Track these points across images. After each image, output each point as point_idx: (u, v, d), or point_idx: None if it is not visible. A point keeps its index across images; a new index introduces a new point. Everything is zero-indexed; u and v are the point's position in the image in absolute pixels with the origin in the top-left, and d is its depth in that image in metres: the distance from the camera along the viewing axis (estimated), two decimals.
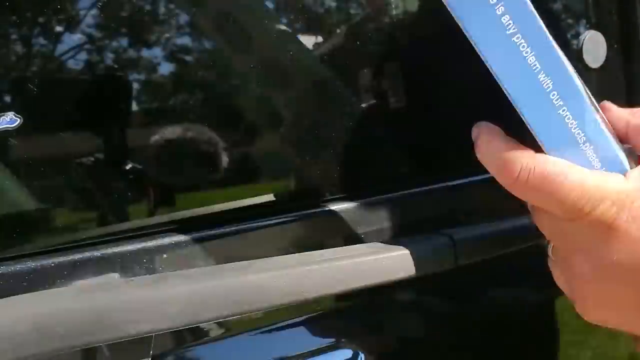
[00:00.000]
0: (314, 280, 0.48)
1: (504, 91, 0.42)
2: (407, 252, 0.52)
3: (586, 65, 0.76)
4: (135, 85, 0.51)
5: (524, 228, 0.62)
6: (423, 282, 0.54)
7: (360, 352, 0.57)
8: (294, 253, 0.53)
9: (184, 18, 0.53)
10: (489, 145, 0.43)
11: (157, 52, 0.52)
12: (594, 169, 0.41)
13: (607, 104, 0.47)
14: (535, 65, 0.40)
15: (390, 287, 0.53)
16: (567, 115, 0.41)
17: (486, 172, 0.47)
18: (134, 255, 0.49)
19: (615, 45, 0.80)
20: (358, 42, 0.63)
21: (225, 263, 0.50)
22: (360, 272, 0.50)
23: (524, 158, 0.41)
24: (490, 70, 0.41)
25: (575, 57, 0.75)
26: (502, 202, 0.50)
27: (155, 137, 0.51)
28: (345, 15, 0.64)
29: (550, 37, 0.40)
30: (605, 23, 0.79)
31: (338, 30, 0.63)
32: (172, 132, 0.52)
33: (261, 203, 0.57)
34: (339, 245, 0.58)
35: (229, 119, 0.55)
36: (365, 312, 0.61)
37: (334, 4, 0.63)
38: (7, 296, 0.42)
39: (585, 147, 0.41)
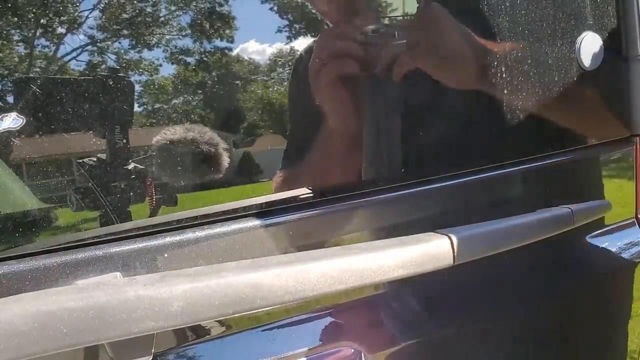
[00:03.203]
0: (314, 279, 0.48)
1: None
2: (406, 250, 0.53)
3: (582, 67, 0.76)
4: (137, 87, 0.52)
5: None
6: None
7: (361, 350, 0.57)
8: (295, 251, 0.53)
9: None
10: None
11: (158, 53, 0.53)
12: None
13: None
14: None
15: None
16: None
17: None
18: (135, 255, 0.49)
19: (612, 47, 0.80)
20: None
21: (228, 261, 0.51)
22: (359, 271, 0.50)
23: None
24: None
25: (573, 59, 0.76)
26: None
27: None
28: None
29: None
30: (602, 25, 0.79)
31: None
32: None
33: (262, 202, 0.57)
34: (337, 243, 0.58)
35: None
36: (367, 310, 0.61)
37: None
38: (10, 295, 0.42)
39: None
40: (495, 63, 0.69)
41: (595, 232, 0.81)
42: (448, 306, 0.67)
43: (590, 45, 0.76)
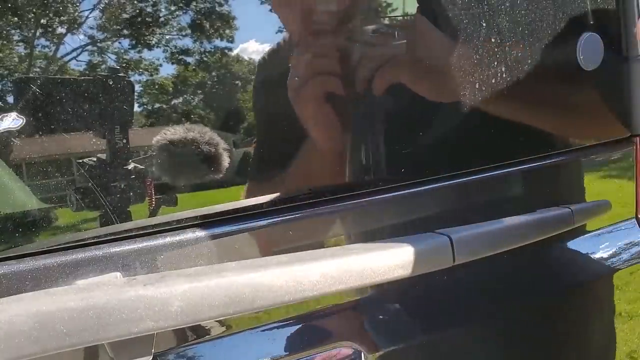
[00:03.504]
0: (314, 279, 0.48)
1: None
2: (406, 250, 0.53)
3: (582, 68, 0.76)
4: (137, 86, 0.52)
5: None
6: None
7: (361, 350, 0.57)
8: (295, 251, 0.53)
9: None
10: None
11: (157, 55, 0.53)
12: None
13: None
14: None
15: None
16: None
17: None
18: (135, 255, 0.49)
19: (612, 47, 0.80)
20: None
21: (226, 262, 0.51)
22: (358, 271, 0.50)
23: None
24: None
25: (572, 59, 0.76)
26: None
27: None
28: None
29: None
30: (602, 25, 0.79)
31: None
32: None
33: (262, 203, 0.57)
34: (337, 243, 0.58)
35: None
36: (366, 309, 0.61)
37: None
38: (10, 295, 0.42)
39: None
40: (491, 66, 0.69)
41: (596, 232, 0.81)
42: (447, 306, 0.67)
43: (590, 45, 0.77)
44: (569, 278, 0.77)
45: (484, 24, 0.69)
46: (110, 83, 0.49)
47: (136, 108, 0.52)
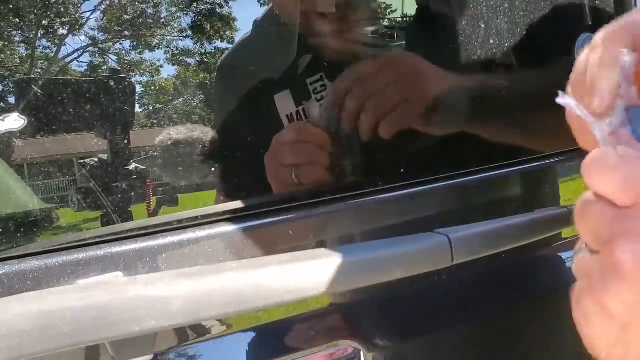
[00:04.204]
0: (314, 278, 0.49)
1: None
2: (405, 250, 0.53)
3: None
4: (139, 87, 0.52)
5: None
6: None
7: (360, 349, 0.58)
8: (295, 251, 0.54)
9: None
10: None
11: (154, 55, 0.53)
12: None
13: None
14: None
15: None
16: None
17: None
18: (137, 254, 0.49)
19: None
20: None
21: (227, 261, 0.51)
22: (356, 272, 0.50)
23: None
24: None
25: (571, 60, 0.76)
26: None
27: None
28: None
29: None
30: (600, 26, 0.79)
31: None
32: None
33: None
34: (337, 243, 0.59)
35: None
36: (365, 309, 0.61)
37: None
38: (12, 294, 0.43)
39: None
40: (488, 68, 0.69)
41: None
42: (447, 305, 0.67)
43: (587, 46, 0.77)
44: (568, 278, 0.78)
45: (482, 25, 0.69)
46: (112, 84, 0.50)
47: (137, 109, 0.52)
